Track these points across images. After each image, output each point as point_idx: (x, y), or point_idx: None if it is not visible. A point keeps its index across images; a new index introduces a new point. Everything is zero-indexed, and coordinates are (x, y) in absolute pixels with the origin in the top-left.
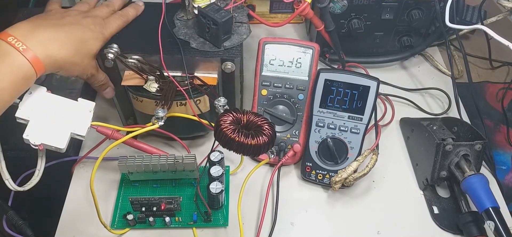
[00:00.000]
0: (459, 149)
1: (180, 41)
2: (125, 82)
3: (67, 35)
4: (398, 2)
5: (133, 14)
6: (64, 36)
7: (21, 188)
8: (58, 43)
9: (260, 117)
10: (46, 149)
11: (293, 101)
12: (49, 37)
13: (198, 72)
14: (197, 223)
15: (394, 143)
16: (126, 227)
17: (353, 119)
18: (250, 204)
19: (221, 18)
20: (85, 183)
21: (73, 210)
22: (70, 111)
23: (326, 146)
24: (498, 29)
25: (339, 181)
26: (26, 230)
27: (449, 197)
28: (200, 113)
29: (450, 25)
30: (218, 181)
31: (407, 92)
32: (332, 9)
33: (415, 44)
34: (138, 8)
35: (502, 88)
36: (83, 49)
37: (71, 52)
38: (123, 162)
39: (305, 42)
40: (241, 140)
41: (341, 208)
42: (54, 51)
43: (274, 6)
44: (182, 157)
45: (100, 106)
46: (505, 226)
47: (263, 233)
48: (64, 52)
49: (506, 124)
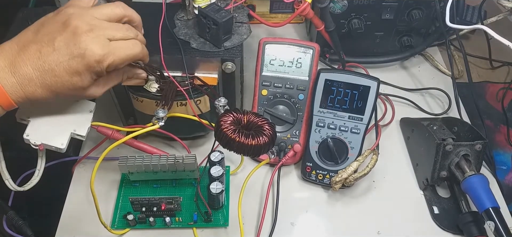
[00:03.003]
0: (459, 149)
1: (180, 41)
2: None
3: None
4: (398, 2)
5: (147, 56)
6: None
7: (21, 188)
8: (34, 85)
9: (261, 117)
10: (46, 149)
11: (293, 101)
12: (28, 77)
13: (199, 72)
14: (197, 223)
15: (394, 143)
16: (126, 227)
17: (354, 119)
18: (250, 204)
19: (222, 18)
20: (85, 183)
21: (73, 210)
22: (70, 111)
23: (326, 146)
24: (498, 29)
25: (339, 181)
26: (26, 230)
27: (449, 197)
28: (200, 114)
29: (450, 25)
30: (219, 181)
31: (407, 92)
32: (332, 9)
33: (415, 44)
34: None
35: (502, 88)
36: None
37: (48, 95)
38: (124, 162)
39: (305, 42)
40: (241, 140)
41: (341, 208)
42: (29, 93)
43: (274, 6)
44: (182, 157)
45: (100, 106)
46: (505, 226)
47: (263, 233)
48: (41, 94)
49: (506, 124)
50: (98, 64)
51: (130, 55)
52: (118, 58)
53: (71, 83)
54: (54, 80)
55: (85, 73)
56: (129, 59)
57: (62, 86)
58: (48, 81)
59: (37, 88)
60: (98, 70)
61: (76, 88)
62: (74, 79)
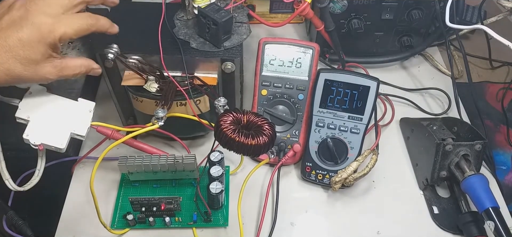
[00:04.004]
0: (459, 149)
1: (180, 41)
2: (125, 82)
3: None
4: (398, 2)
5: (105, 25)
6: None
7: (21, 188)
8: None
9: (260, 117)
10: (46, 149)
11: (293, 101)
12: None
13: (198, 72)
14: (197, 223)
15: (394, 143)
16: (126, 227)
17: (353, 119)
18: (250, 204)
19: (221, 18)
20: (85, 183)
21: (73, 210)
22: (70, 111)
23: (326, 146)
24: (498, 29)
25: (339, 181)
26: (26, 230)
27: (449, 197)
28: (200, 114)
29: (450, 25)
30: (218, 181)
31: (407, 92)
32: (332, 9)
33: (415, 44)
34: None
35: (502, 88)
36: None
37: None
38: (123, 162)
39: (305, 42)
40: (241, 140)
41: (341, 208)
42: None
43: (274, 6)
44: (182, 157)
45: (100, 106)
46: (505, 226)
47: (263, 233)
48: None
49: (506, 124)
50: (49, 34)
51: (83, 26)
52: (71, 28)
53: (24, 57)
54: (6, 56)
55: (37, 45)
56: (82, 31)
57: (14, 61)
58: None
59: None
60: (51, 41)
61: (29, 61)
62: (26, 52)
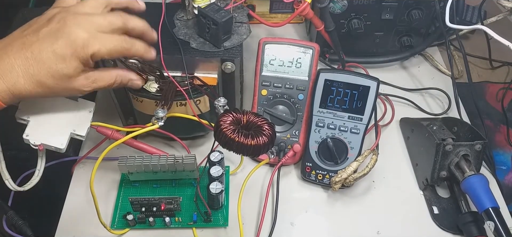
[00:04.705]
0: (459, 149)
1: (180, 41)
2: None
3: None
4: (398, 2)
5: (140, 50)
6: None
7: (21, 188)
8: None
9: (260, 117)
10: (46, 149)
11: (293, 101)
12: (9, 66)
13: (198, 73)
14: (197, 223)
15: (394, 143)
16: (126, 227)
17: (353, 119)
18: (250, 204)
19: (221, 18)
20: (85, 183)
21: (73, 210)
22: (70, 111)
23: (326, 146)
24: (498, 29)
25: (339, 181)
26: (26, 230)
27: (449, 197)
28: (200, 114)
29: (450, 25)
30: (218, 181)
31: (407, 92)
32: (332, 9)
33: (415, 44)
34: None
35: (502, 88)
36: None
37: (33, 87)
38: (123, 162)
39: (305, 42)
40: (241, 140)
41: (341, 208)
42: (11, 84)
43: (274, 6)
44: (182, 157)
45: (100, 106)
46: (505, 226)
47: (263, 233)
48: (24, 85)
49: (506, 124)
50: (83, 49)
51: (118, 47)
52: (105, 47)
53: (56, 70)
54: (38, 68)
55: (70, 59)
56: (117, 52)
57: (46, 74)
58: (32, 70)
59: (19, 78)
60: (83, 56)
61: (61, 76)
62: (59, 66)
